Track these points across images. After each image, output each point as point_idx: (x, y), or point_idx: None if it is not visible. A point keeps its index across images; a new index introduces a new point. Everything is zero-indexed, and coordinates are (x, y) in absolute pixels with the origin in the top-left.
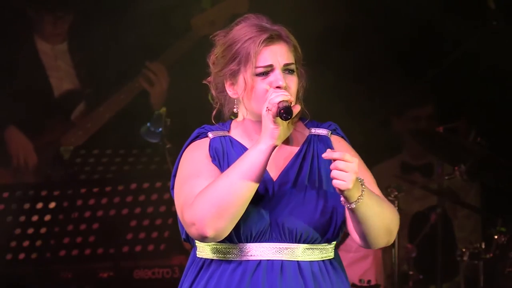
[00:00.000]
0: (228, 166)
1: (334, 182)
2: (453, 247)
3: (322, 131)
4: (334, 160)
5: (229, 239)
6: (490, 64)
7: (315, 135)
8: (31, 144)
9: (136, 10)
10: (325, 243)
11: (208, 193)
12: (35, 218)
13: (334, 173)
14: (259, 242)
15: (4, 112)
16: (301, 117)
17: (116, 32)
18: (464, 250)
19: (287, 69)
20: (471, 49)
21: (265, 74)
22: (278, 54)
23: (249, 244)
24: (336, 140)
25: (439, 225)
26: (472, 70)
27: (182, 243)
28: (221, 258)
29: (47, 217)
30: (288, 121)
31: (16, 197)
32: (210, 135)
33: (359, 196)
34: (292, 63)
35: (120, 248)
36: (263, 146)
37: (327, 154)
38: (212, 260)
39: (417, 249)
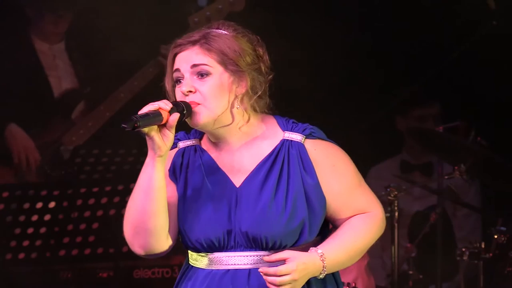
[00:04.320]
0: (185, 178)
1: None
2: (452, 247)
3: (296, 136)
4: (268, 275)
5: (195, 249)
6: (490, 64)
7: (288, 140)
8: (33, 142)
9: (134, 8)
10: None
11: (126, 214)
12: (35, 218)
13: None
14: (226, 251)
15: (4, 112)
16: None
17: (115, 31)
18: (464, 249)
19: (197, 73)
20: (471, 49)
21: (179, 81)
22: (185, 58)
23: (217, 253)
24: (312, 145)
25: (439, 224)
26: (472, 70)
27: (182, 243)
28: (197, 266)
29: (47, 217)
30: (143, 130)
31: (16, 197)
32: (180, 144)
33: (321, 271)
34: (203, 64)
35: (120, 248)
36: (148, 159)
37: (261, 270)
38: (193, 266)
39: (417, 249)
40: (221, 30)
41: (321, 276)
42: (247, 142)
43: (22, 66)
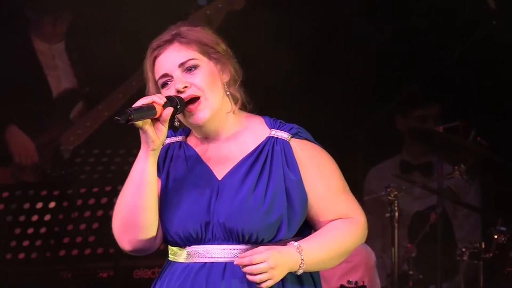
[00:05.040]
0: (167, 173)
1: (264, 285)
2: (453, 247)
3: (282, 134)
4: (244, 266)
5: (174, 243)
6: (490, 64)
7: (274, 137)
8: (33, 143)
9: (133, 7)
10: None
11: (115, 209)
12: (35, 218)
13: (252, 279)
14: (204, 244)
15: (4, 112)
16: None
17: (115, 31)
18: (464, 249)
19: (185, 69)
20: (472, 49)
21: (167, 83)
22: (169, 59)
23: (194, 246)
24: (297, 144)
25: (439, 224)
26: (472, 70)
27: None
28: (175, 260)
29: (47, 217)
30: (137, 124)
31: (16, 197)
32: (167, 141)
33: (300, 264)
34: (190, 59)
35: (120, 248)
36: (140, 153)
37: (237, 262)
38: (171, 262)
39: (417, 249)
40: (189, 26)
41: (300, 271)
42: (233, 137)
43: (21, 66)
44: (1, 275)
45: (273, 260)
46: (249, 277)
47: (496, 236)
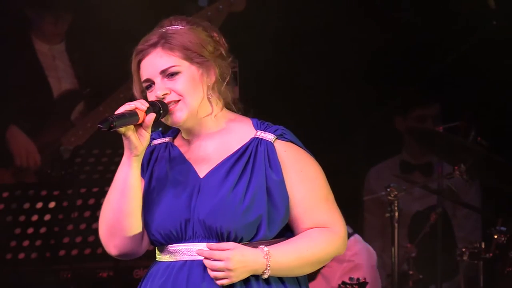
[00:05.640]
0: (151, 173)
1: (219, 282)
2: (453, 247)
3: (267, 136)
4: (205, 258)
5: (157, 242)
6: (490, 64)
7: (259, 138)
8: (34, 144)
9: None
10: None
11: (101, 214)
12: (35, 218)
13: (210, 273)
14: (185, 242)
15: (4, 112)
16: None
17: (115, 31)
18: (464, 249)
19: (167, 75)
20: (471, 49)
21: (151, 86)
22: (151, 65)
23: (176, 245)
24: (282, 146)
25: (439, 224)
26: (472, 70)
27: None
28: (160, 259)
29: (47, 217)
30: (119, 130)
31: (16, 197)
32: (154, 142)
33: (265, 270)
34: (171, 66)
35: None
36: (124, 158)
37: (198, 251)
38: (157, 261)
39: (417, 249)
40: (176, 26)
41: (264, 276)
42: (219, 137)
43: (22, 67)
44: (1, 275)
45: (232, 262)
46: (208, 272)
47: (496, 236)
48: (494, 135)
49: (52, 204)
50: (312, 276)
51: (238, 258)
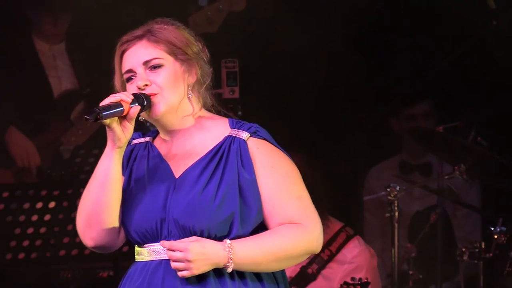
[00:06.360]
0: (130, 172)
1: (179, 274)
2: (452, 247)
3: (240, 134)
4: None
5: (135, 241)
6: (490, 63)
7: (232, 136)
8: (34, 145)
9: (134, 8)
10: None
11: (79, 205)
12: (35, 218)
13: (173, 265)
14: (162, 241)
15: (4, 112)
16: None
17: (115, 31)
18: (464, 249)
19: (150, 67)
20: (471, 48)
21: (131, 78)
22: (135, 56)
23: (152, 244)
24: (255, 144)
25: (439, 224)
26: (472, 70)
27: None
28: (138, 259)
29: (47, 217)
30: (104, 122)
31: (16, 197)
32: (133, 142)
33: (227, 263)
34: (155, 58)
35: (120, 248)
36: (106, 150)
37: (161, 243)
38: (136, 261)
39: (417, 249)
40: (162, 25)
41: (228, 269)
42: (197, 135)
43: (22, 66)
44: (1, 275)
45: (191, 254)
46: (171, 263)
47: (496, 236)
48: (494, 135)
49: (52, 204)
50: (312, 277)
51: (198, 250)
